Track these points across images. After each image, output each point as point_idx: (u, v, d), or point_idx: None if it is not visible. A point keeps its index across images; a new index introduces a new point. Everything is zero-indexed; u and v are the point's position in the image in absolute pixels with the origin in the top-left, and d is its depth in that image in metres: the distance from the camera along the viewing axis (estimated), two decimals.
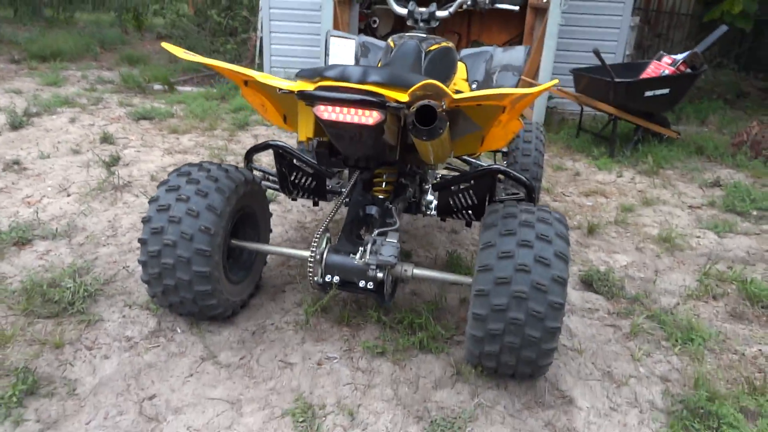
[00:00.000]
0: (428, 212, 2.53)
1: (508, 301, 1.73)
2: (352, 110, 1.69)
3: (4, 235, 2.70)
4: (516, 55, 2.95)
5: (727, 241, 3.35)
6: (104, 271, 2.52)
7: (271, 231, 2.50)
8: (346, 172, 2.78)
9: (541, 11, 5.78)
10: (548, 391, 1.96)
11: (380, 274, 1.96)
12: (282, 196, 3.52)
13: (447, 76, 2.61)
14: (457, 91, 2.66)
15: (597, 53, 4.39)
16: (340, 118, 1.71)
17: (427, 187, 2.52)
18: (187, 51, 1.86)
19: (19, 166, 3.72)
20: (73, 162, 3.88)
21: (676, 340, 2.27)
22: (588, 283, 2.70)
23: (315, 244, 2.03)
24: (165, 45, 1.86)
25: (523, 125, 3.28)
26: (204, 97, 6.15)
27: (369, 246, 1.99)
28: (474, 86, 3.01)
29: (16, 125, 4.65)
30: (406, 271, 2.06)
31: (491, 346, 1.78)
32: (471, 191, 2.38)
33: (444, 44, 2.63)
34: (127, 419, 1.72)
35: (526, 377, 1.91)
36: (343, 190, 2.54)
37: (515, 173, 2.30)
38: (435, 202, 2.47)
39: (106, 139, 4.40)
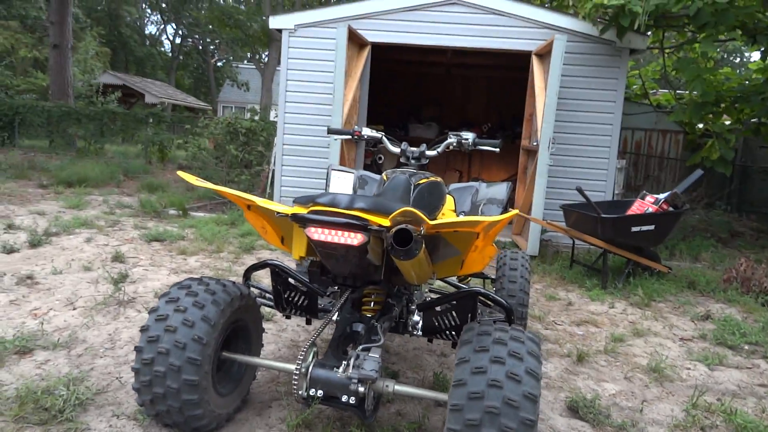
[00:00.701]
0: (415, 332, 2.64)
1: (481, 417, 1.78)
2: (339, 232, 1.90)
3: (7, 344, 2.81)
4: (499, 189, 3.25)
5: (718, 373, 3.36)
6: (98, 382, 2.58)
7: (262, 346, 2.60)
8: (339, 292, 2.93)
9: (532, 152, 6.28)
10: None
11: (361, 389, 2.03)
12: (278, 316, 3.63)
13: (435, 206, 2.86)
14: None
15: (580, 191, 4.72)
16: (329, 239, 1.91)
17: (413, 307, 2.66)
18: (198, 178, 2.12)
19: (31, 281, 3.92)
20: (83, 278, 4.08)
21: None
22: (574, 410, 2.71)
23: (301, 358, 2.12)
24: (180, 173, 2.13)
25: (505, 252, 3.49)
26: (215, 222, 6.51)
27: (352, 360, 2.09)
28: (462, 216, 3.27)
29: (35, 243, 4.93)
30: (387, 386, 2.12)
31: None
32: (454, 312, 2.51)
33: (432, 179, 2.92)
34: None
35: None
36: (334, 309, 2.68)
37: (494, 296, 2.45)
38: (420, 323, 2.59)
39: (117, 257, 4.64)
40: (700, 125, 8.61)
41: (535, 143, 6.01)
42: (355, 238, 1.89)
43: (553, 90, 5.69)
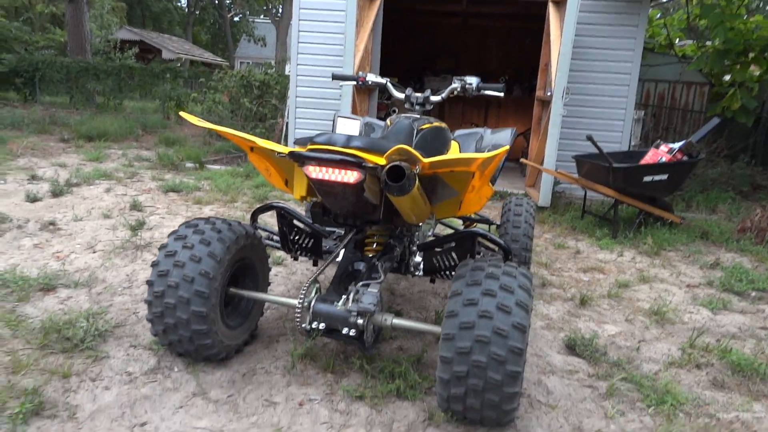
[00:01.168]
0: (416, 272, 2.72)
1: (472, 345, 1.87)
2: (336, 170, 1.95)
3: (32, 282, 2.97)
4: (503, 135, 3.25)
5: (721, 317, 3.40)
6: (116, 316, 2.74)
7: (269, 284, 2.71)
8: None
9: (546, 103, 6.19)
10: None
11: (360, 321, 2.13)
12: (288, 260, 3.75)
13: (439, 151, 2.89)
14: None
15: (590, 139, 4.68)
16: (326, 177, 1.97)
17: (414, 248, 2.73)
18: (199, 119, 2.18)
19: (54, 227, 4.08)
20: (102, 225, 4.23)
21: (652, 402, 2.32)
22: (572, 348, 2.79)
23: (303, 293, 2.22)
24: (183, 114, 2.19)
25: (510, 198, 3.52)
26: (230, 174, 6.62)
27: (351, 295, 2.19)
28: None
29: (57, 193, 5.10)
30: (386, 320, 2.22)
31: (457, 388, 1.90)
32: (453, 253, 2.59)
33: (436, 123, 2.94)
34: None
35: (493, 423, 1.99)
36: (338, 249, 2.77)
37: (492, 236, 2.50)
38: (422, 263, 2.67)
39: (135, 206, 4.79)
40: (727, 77, 8.33)
41: (549, 93, 5.92)
42: (351, 176, 1.94)
43: (568, 38, 5.56)
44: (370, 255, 2.53)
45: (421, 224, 2.74)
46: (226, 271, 2.29)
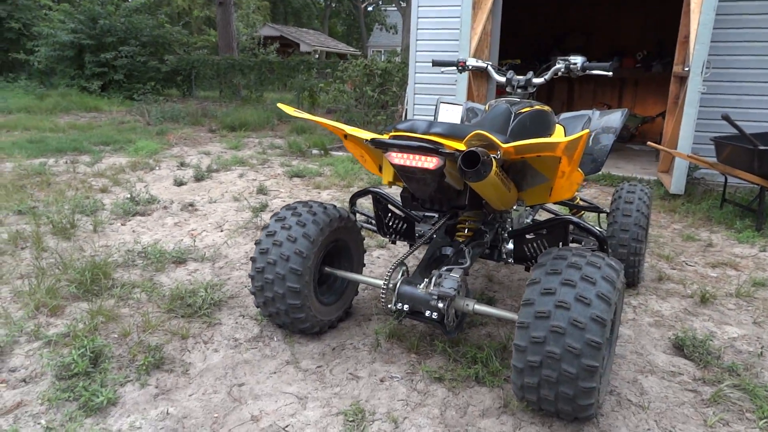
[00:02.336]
0: (508, 259, 2.69)
1: (546, 335, 1.83)
2: (416, 156, 2.00)
3: (168, 255, 3.42)
4: (613, 117, 3.05)
5: None
6: (232, 289, 3.06)
7: (364, 265, 2.85)
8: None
9: (684, 80, 5.61)
10: None
11: (440, 305, 2.17)
12: (392, 244, 3.87)
13: (539, 135, 2.80)
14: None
15: (727, 118, 4.17)
16: (407, 163, 2.03)
17: (506, 235, 2.69)
18: (296, 110, 2.35)
19: (192, 207, 4.63)
20: (232, 207, 4.70)
21: (765, 414, 2.08)
22: (679, 348, 2.57)
23: (389, 275, 2.32)
24: (280, 105, 2.38)
25: (622, 184, 3.28)
26: (351, 160, 6.93)
27: (434, 279, 2.23)
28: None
29: (199, 178, 5.74)
30: (467, 305, 2.24)
31: (530, 378, 1.88)
32: (544, 240, 2.51)
33: (538, 107, 2.84)
34: (218, 397, 2.12)
35: (569, 416, 1.93)
36: (429, 234, 2.82)
37: (585, 224, 2.38)
38: (512, 250, 2.63)
39: (261, 190, 5.24)
40: None
41: (686, 69, 5.36)
42: (430, 162, 1.98)
43: (709, 5, 4.97)
44: (460, 240, 2.55)
45: (511, 211, 2.69)
46: (320, 251, 2.45)
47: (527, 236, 2.57)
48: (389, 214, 2.88)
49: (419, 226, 2.92)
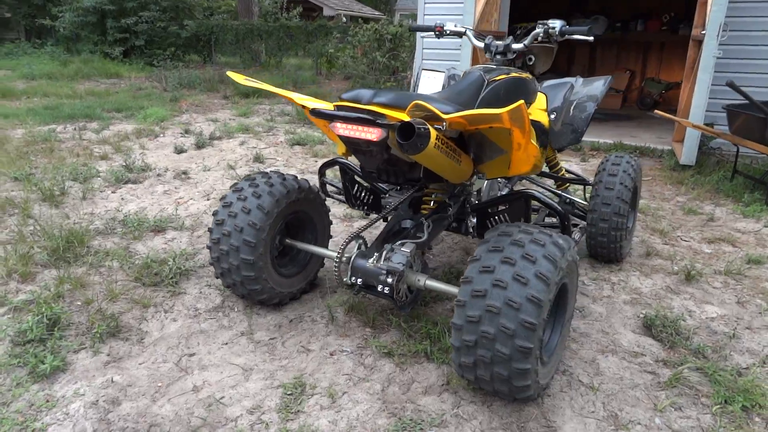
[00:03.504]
0: (473, 233, 2.61)
1: (481, 314, 1.77)
2: (359, 127, 1.93)
3: (149, 224, 3.46)
4: (596, 85, 2.89)
5: None
6: (204, 258, 3.08)
7: (331, 237, 2.81)
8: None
9: (701, 44, 5.29)
10: (535, 418, 1.90)
11: (389, 280, 2.13)
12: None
13: (511, 103, 2.67)
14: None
15: (732, 85, 3.92)
16: (350, 134, 1.97)
17: (469, 209, 2.61)
18: (248, 78, 2.29)
19: (185, 176, 4.65)
20: (225, 175, 4.71)
21: (720, 399, 1.99)
22: (649, 327, 2.48)
23: (342, 247, 2.27)
24: (229, 73, 2.32)
25: (608, 156, 3.14)
26: None
27: (384, 253, 2.18)
28: (552, 116, 3.01)
29: (200, 145, 5.76)
30: (419, 280, 2.19)
31: (466, 357, 1.83)
32: (506, 214, 2.43)
33: (514, 75, 2.71)
34: (167, 366, 2.15)
35: (507, 397, 1.89)
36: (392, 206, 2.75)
37: (545, 199, 2.28)
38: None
39: (258, 158, 5.23)
40: None
41: (703, 32, 5.04)
42: (372, 133, 1.91)
43: None
44: (424, 213, 2.49)
45: (473, 184, 2.59)
46: (276, 222, 2.42)
47: (489, 210, 2.48)
48: (356, 185, 2.83)
49: (386, 198, 2.86)
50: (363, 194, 2.85)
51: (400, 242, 2.23)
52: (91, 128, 6.51)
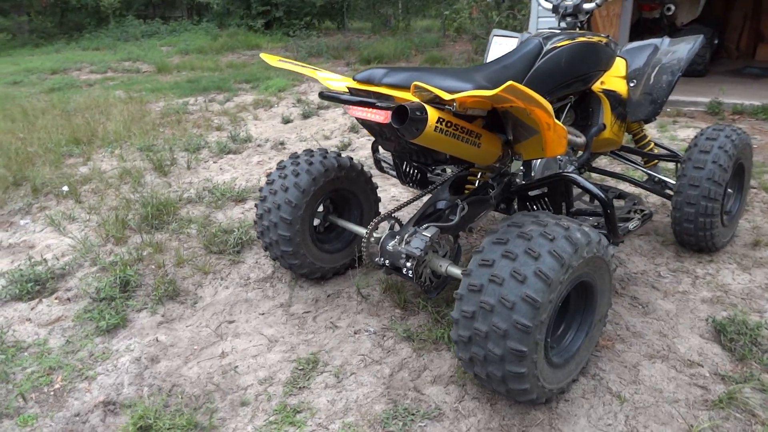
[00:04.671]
0: None
1: (475, 310, 1.67)
2: (369, 109, 1.89)
3: (231, 194, 3.73)
4: (683, 47, 2.46)
5: None
6: None
7: (379, 214, 2.80)
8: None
9: None
10: (540, 423, 1.76)
11: (408, 264, 2.08)
12: None
13: (580, 74, 2.40)
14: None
15: None
16: (363, 116, 1.93)
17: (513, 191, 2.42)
18: (281, 59, 2.32)
19: (282, 146, 4.91)
20: (317, 145, 4.88)
21: None
22: (719, 333, 2.14)
23: (371, 226, 2.26)
24: (263, 55, 2.37)
25: (707, 128, 2.68)
26: None
27: (405, 236, 2.13)
28: (632, 84, 2.64)
29: (306, 115, 6.01)
30: (441, 266, 2.11)
31: (463, 352, 1.75)
32: (547, 198, 2.22)
33: (582, 40, 2.42)
34: (207, 331, 2.35)
35: (508, 397, 1.77)
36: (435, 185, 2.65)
37: (585, 183, 2.03)
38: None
39: (353, 128, 5.32)
40: None
41: None
42: (380, 115, 1.85)
43: None
44: (465, 194, 2.37)
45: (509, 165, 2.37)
46: (314, 200, 2.47)
47: (530, 194, 2.28)
48: (405, 162, 2.76)
49: (432, 175, 2.76)
50: (411, 171, 2.78)
51: (426, 225, 2.16)
52: (218, 100, 7.11)
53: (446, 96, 1.71)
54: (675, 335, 2.17)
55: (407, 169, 2.79)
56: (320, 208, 2.60)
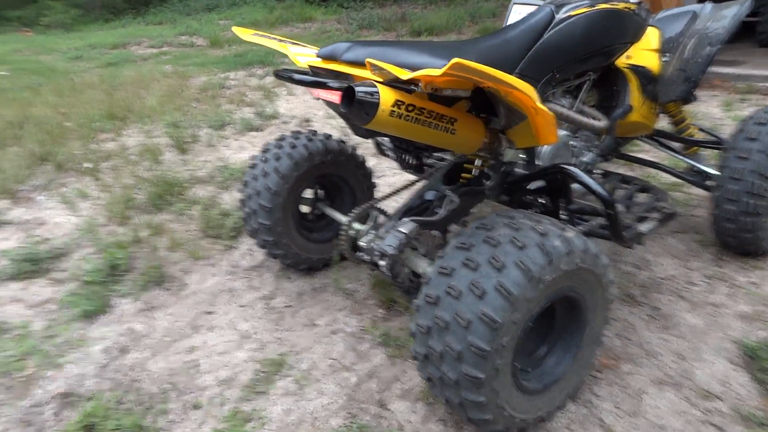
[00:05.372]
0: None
1: (430, 325, 1.45)
2: (322, 90, 1.69)
3: (240, 174, 3.61)
4: (727, 13, 2.05)
5: None
6: None
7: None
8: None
9: None
10: None
11: (382, 262, 1.88)
12: None
13: (600, 46, 2.06)
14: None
15: None
16: (322, 97, 1.73)
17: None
18: (255, 33, 2.13)
19: (307, 123, 4.75)
20: (342, 123, 4.68)
21: None
22: (750, 359, 1.80)
23: (350, 216, 2.06)
24: (234, 29, 2.18)
25: (755, 112, 2.26)
26: None
27: (382, 231, 1.92)
28: (665, 58, 2.26)
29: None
30: (419, 266, 1.89)
31: (421, 370, 1.54)
32: (544, 192, 1.93)
33: (603, 7, 2.06)
34: (184, 321, 2.25)
35: (471, 424, 1.55)
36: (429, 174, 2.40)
37: (585, 178, 1.73)
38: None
39: None
40: None
41: None
42: (333, 95, 1.64)
43: None
44: (460, 183, 2.12)
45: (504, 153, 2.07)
46: (296, 186, 2.30)
47: (526, 187, 1.99)
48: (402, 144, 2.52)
49: (428, 160, 2.50)
50: (405, 156, 2.54)
51: (405, 220, 1.94)
52: (258, 74, 7.03)
53: (403, 75, 1.46)
54: (695, 358, 1.85)
55: (403, 155, 2.55)
56: (308, 195, 2.43)
